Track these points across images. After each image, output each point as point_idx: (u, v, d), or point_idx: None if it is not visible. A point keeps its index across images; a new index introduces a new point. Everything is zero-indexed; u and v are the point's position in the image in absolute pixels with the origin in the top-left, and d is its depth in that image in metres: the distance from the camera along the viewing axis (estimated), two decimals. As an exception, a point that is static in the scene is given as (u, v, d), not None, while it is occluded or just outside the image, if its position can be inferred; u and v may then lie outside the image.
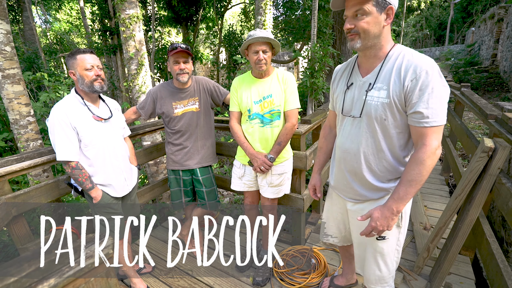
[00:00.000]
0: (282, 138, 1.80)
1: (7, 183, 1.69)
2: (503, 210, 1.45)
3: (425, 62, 1.02)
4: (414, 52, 1.07)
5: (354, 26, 1.06)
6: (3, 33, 2.23)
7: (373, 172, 1.20)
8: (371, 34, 1.05)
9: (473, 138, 2.20)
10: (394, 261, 1.32)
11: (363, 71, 1.19)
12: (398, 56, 1.08)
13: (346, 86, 1.24)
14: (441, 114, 1.02)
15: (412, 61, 1.03)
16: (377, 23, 1.04)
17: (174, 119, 2.02)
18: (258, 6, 5.46)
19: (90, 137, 1.62)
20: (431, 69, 1.01)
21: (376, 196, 1.23)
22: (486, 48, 12.78)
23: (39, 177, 2.64)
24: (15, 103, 2.40)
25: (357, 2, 1.03)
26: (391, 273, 1.33)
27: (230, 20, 25.18)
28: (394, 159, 1.16)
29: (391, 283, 1.37)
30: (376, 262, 1.31)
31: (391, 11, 1.04)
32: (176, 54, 1.87)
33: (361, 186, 1.25)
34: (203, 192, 2.18)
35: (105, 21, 9.62)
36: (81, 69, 1.58)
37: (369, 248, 1.32)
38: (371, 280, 1.37)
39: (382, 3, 1.02)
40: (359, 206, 1.30)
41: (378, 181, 1.20)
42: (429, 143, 1.03)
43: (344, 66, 1.32)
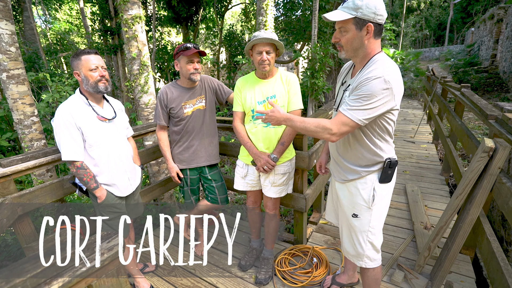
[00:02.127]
0: (286, 138, 1.82)
1: (12, 183, 1.71)
2: (504, 210, 1.47)
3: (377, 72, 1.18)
4: (382, 63, 1.21)
5: (339, 39, 1.27)
6: (8, 33, 2.24)
7: (347, 157, 1.44)
8: (351, 47, 1.25)
9: (474, 138, 2.22)
10: (368, 241, 1.47)
11: (353, 73, 1.38)
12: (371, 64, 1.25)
13: (341, 84, 1.46)
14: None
15: (370, 72, 1.20)
16: (356, 39, 1.22)
17: (183, 119, 2.03)
18: (260, 6, 5.48)
19: (95, 137, 1.64)
20: (376, 78, 1.17)
21: (352, 177, 1.43)
22: (485, 49, 12.82)
23: (43, 176, 2.65)
24: (20, 103, 2.41)
25: (340, 22, 1.23)
26: (365, 252, 1.49)
27: (230, 20, 25.19)
28: (362, 147, 1.36)
29: (368, 262, 1.52)
30: (350, 237, 1.53)
31: (371, 28, 1.19)
32: (191, 55, 1.90)
33: (341, 168, 1.49)
34: (213, 188, 2.19)
35: (105, 21, 9.63)
36: (86, 69, 1.59)
37: (346, 223, 1.54)
38: (349, 253, 1.58)
39: (361, 22, 1.19)
40: (342, 186, 1.52)
41: (352, 164, 1.42)
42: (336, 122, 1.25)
43: (348, 65, 1.50)
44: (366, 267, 1.52)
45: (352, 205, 1.46)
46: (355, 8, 1.16)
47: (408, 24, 27.72)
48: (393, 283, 1.94)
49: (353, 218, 1.46)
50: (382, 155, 1.35)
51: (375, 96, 1.16)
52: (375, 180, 1.39)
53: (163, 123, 2.06)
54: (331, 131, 1.23)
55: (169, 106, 2.02)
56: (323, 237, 2.55)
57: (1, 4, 2.20)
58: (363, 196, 1.41)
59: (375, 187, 1.38)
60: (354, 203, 1.45)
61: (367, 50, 1.25)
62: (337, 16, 1.19)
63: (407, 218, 2.80)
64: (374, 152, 1.35)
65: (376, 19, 1.18)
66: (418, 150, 5.01)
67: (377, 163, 1.37)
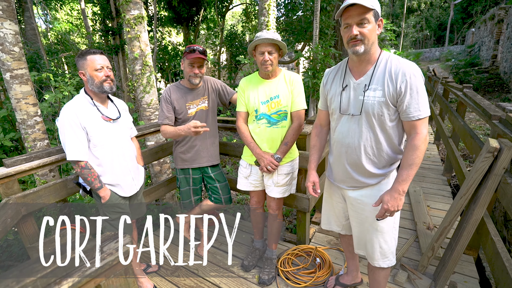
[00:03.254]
0: (289, 138, 1.82)
1: (16, 183, 1.71)
2: (509, 210, 1.47)
3: (410, 67, 1.22)
4: (398, 57, 1.28)
5: (358, 33, 1.21)
6: (11, 33, 2.25)
7: (373, 162, 1.38)
8: (371, 40, 1.23)
9: (477, 139, 2.21)
10: (393, 238, 1.47)
11: (355, 74, 1.34)
12: (387, 61, 1.26)
13: (341, 88, 1.38)
14: (426, 108, 1.23)
15: (399, 66, 1.23)
16: (374, 32, 1.23)
17: (187, 120, 2.03)
18: (262, 7, 5.48)
19: (99, 137, 1.64)
20: (414, 73, 1.21)
21: (374, 181, 1.40)
22: (486, 49, 12.82)
23: (46, 176, 2.65)
24: (23, 103, 2.42)
25: (362, 12, 1.19)
26: (390, 248, 1.48)
27: (230, 21, 25.20)
28: (390, 148, 1.35)
29: (392, 258, 1.51)
30: (378, 240, 1.47)
31: (381, 22, 1.25)
32: (193, 58, 1.89)
33: (360, 175, 1.41)
34: (217, 188, 2.19)
35: (107, 21, 9.64)
36: (91, 69, 1.59)
37: (370, 228, 1.47)
38: (375, 257, 1.50)
39: (377, 15, 1.22)
40: (359, 192, 1.46)
41: (377, 168, 1.38)
42: (420, 131, 1.24)
43: (335, 70, 1.46)
44: (389, 266, 1.51)
45: (375, 208, 1.39)
46: (372, 3, 1.18)
47: (409, 25, 27.76)
48: (396, 283, 1.93)
49: (379, 220, 1.39)
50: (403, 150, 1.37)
51: (424, 86, 1.22)
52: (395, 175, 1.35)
53: (167, 122, 2.01)
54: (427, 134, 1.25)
55: (173, 105, 2.02)
56: (326, 238, 2.55)
57: (4, 4, 2.20)
58: None
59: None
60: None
61: (375, 46, 1.27)
62: (366, 2, 1.16)
63: (410, 219, 2.80)
64: (399, 150, 1.37)
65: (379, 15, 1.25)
66: (420, 150, 5.00)
67: (399, 160, 1.38)
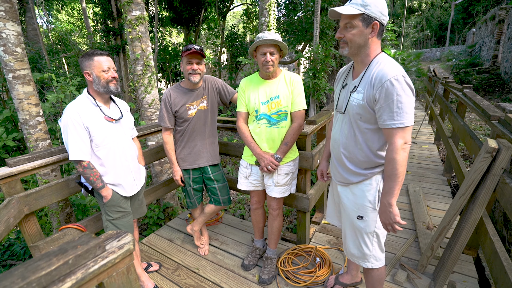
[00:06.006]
0: (289, 139, 1.83)
1: (19, 182, 1.72)
2: (507, 210, 1.48)
3: (391, 72, 1.17)
4: (388, 61, 1.23)
5: (343, 36, 1.27)
6: (14, 34, 2.27)
7: (350, 160, 1.42)
8: (355, 44, 1.26)
9: (476, 139, 2.22)
10: (375, 242, 1.47)
11: (354, 74, 1.40)
12: (376, 64, 1.25)
13: (342, 86, 1.47)
14: (402, 118, 1.18)
15: (382, 72, 1.20)
16: (362, 35, 1.23)
17: (187, 120, 2.05)
18: (262, 7, 5.50)
19: (102, 137, 1.65)
20: (395, 80, 1.16)
21: (356, 179, 1.43)
22: (487, 49, 12.80)
23: (47, 176, 2.67)
24: (25, 103, 2.44)
25: (347, 17, 1.23)
26: (371, 252, 1.48)
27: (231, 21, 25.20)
28: (369, 151, 1.36)
29: (374, 262, 1.51)
30: (356, 239, 1.51)
31: (376, 26, 1.22)
32: (190, 55, 1.91)
33: (344, 171, 1.48)
34: (215, 188, 2.21)
35: (108, 22, 9.66)
36: (98, 70, 1.62)
37: (350, 225, 1.51)
38: (354, 255, 1.55)
39: (368, 19, 1.21)
40: (345, 189, 1.52)
41: (355, 167, 1.42)
42: (394, 141, 1.21)
43: (345, 68, 1.52)
44: (372, 268, 1.53)
45: (356, 207, 1.46)
46: (364, 5, 1.19)
47: (409, 25, 27.73)
48: (396, 283, 1.94)
49: (358, 220, 1.45)
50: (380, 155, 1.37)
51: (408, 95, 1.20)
52: (379, 180, 1.39)
53: (167, 125, 2.07)
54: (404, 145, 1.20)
55: (174, 108, 2.03)
56: (326, 237, 2.56)
57: (7, 5, 2.22)
58: (368, 197, 1.41)
59: (380, 188, 1.39)
60: (358, 205, 1.45)
61: (369, 49, 1.28)
62: (346, 10, 1.21)
63: (410, 219, 2.81)
64: (379, 155, 1.36)
65: (381, 18, 1.22)
66: (420, 150, 5.02)
67: (380, 165, 1.38)
